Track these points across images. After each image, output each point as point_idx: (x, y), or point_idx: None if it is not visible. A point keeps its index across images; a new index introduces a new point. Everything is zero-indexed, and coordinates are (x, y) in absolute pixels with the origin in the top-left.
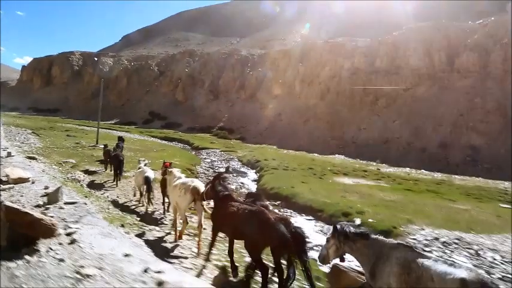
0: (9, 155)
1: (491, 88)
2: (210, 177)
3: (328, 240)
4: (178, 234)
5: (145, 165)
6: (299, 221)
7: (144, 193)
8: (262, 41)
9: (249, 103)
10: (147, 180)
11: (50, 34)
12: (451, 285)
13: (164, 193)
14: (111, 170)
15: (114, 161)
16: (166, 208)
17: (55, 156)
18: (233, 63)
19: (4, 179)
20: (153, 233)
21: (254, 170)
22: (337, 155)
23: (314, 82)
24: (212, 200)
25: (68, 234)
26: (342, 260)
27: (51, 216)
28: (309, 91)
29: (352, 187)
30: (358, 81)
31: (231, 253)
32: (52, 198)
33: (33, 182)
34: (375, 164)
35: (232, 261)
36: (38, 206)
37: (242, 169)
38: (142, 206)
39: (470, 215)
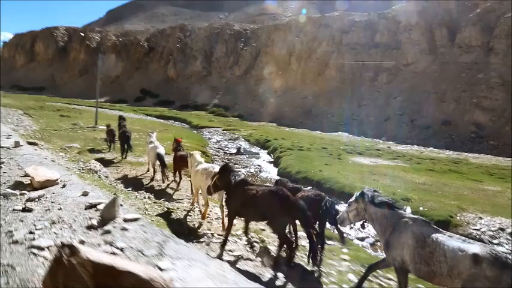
0: (17, 145)
1: (494, 64)
2: (224, 160)
3: (350, 204)
4: (202, 215)
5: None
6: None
7: (158, 169)
8: (251, 15)
9: (244, 79)
10: (159, 157)
11: (29, 9)
12: (463, 260)
13: (178, 169)
14: (113, 149)
15: (122, 137)
16: (178, 182)
17: (56, 141)
18: (226, 38)
19: (25, 180)
20: (213, 240)
21: (266, 151)
22: (340, 132)
23: (311, 57)
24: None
25: None
26: (363, 227)
27: (121, 249)
28: (306, 67)
29: (375, 168)
30: (358, 57)
31: (246, 233)
32: (107, 213)
33: (64, 185)
34: (381, 141)
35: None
36: (91, 227)
37: (253, 149)
38: (154, 181)
39: (508, 197)
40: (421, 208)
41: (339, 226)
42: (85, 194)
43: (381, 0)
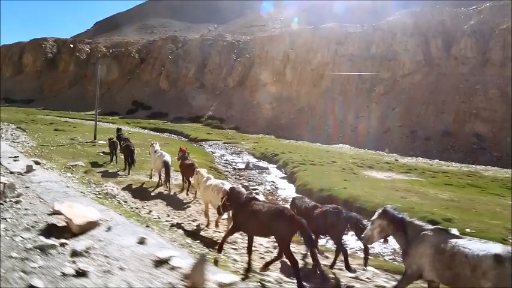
0: (29, 169)
1: (492, 75)
2: (236, 176)
3: (373, 222)
4: (215, 223)
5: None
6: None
7: (163, 176)
8: (241, 27)
9: (238, 91)
10: (165, 165)
11: (15, 19)
12: (485, 261)
13: (186, 176)
14: (116, 161)
15: (126, 150)
16: (186, 188)
17: (57, 158)
18: (219, 49)
19: (57, 221)
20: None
21: (275, 165)
22: (341, 144)
23: (306, 69)
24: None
25: None
26: (386, 241)
27: None
28: (301, 78)
29: (394, 184)
30: (353, 68)
31: (250, 249)
32: (196, 277)
33: (109, 228)
34: (385, 154)
35: (250, 257)
36: None
37: (260, 164)
38: (164, 188)
39: None
40: (467, 230)
41: (366, 243)
42: (142, 241)
43: (365, 13)
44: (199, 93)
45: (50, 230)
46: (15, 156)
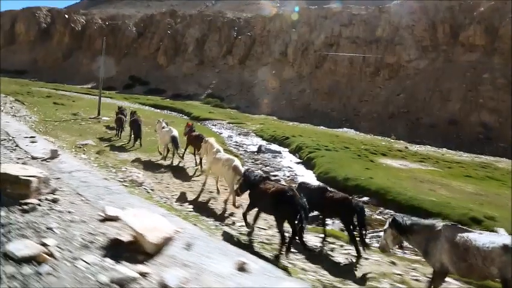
0: (54, 155)
1: (499, 64)
2: (253, 160)
3: (385, 231)
4: (233, 203)
5: (166, 124)
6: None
7: (171, 150)
8: (240, 4)
9: (238, 70)
10: (173, 139)
11: None
12: (494, 250)
13: (197, 148)
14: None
15: (133, 125)
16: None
17: (64, 135)
18: (219, 26)
19: (118, 234)
20: None
21: (287, 149)
22: (345, 128)
23: (309, 50)
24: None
25: None
26: (401, 247)
27: None
28: (303, 59)
29: (413, 173)
30: (358, 51)
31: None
32: None
33: (188, 245)
34: (392, 140)
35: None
36: None
37: (272, 147)
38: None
39: None
40: None
41: (382, 252)
42: (242, 267)
43: None
44: (198, 71)
45: (117, 249)
46: (31, 137)
